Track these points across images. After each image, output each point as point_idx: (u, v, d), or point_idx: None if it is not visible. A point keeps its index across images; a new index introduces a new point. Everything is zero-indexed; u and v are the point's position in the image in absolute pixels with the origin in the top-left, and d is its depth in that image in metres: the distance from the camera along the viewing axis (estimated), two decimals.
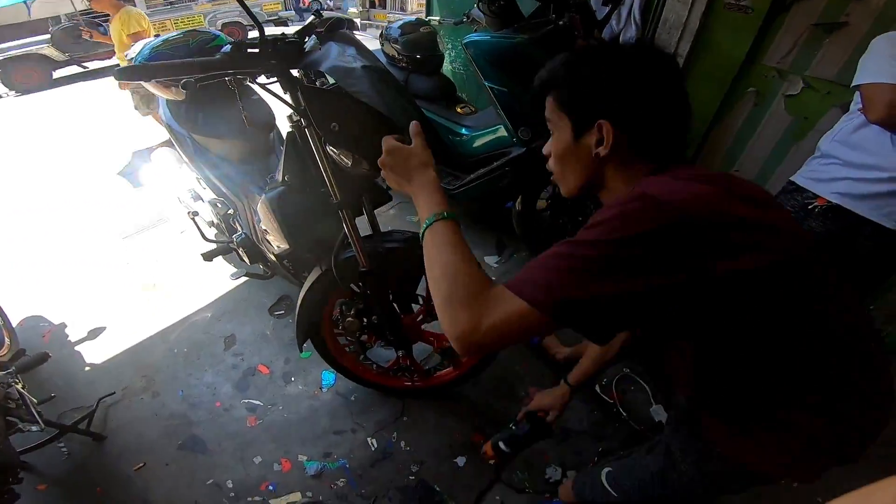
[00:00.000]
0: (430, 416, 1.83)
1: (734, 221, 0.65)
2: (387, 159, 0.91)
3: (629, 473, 1.13)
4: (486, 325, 0.66)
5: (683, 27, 2.35)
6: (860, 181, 1.47)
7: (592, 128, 0.75)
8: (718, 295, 0.64)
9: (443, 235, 0.79)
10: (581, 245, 0.65)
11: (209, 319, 2.30)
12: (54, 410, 1.88)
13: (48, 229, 3.20)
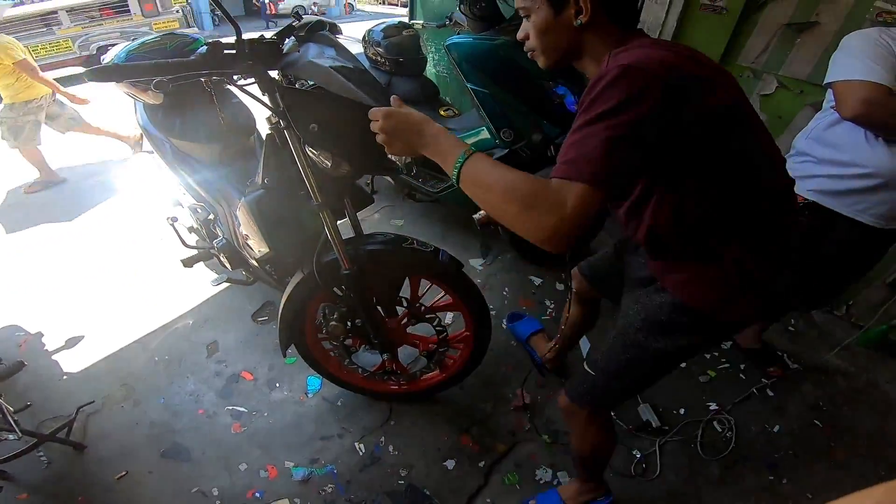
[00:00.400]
0: (417, 420, 1.83)
1: (694, 75, 0.78)
2: (386, 124, 0.92)
3: (598, 350, 1.21)
4: (569, 216, 0.73)
5: (661, 28, 2.38)
6: (835, 178, 1.51)
7: (568, 2, 0.86)
8: (689, 134, 0.78)
9: (482, 164, 0.84)
10: (597, 120, 0.74)
11: (191, 326, 2.27)
12: (33, 420, 1.85)
13: (24, 240, 3.11)
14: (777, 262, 0.94)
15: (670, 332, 1.04)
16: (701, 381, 2.01)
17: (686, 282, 0.99)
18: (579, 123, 0.77)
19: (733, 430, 1.81)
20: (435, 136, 0.90)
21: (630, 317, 1.11)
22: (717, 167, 0.85)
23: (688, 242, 0.95)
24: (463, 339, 1.72)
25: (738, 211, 0.89)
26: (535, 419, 1.84)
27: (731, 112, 0.83)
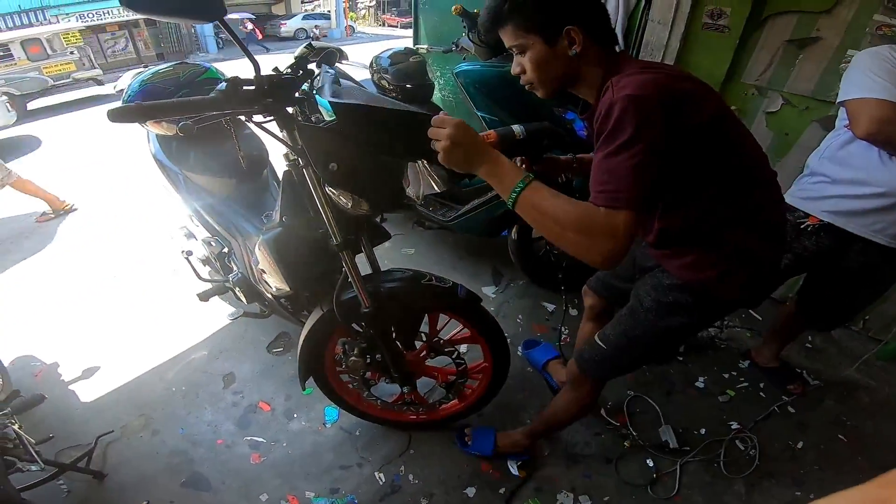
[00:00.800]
0: (436, 448, 1.82)
1: (684, 92, 0.90)
2: (456, 133, 0.94)
3: (611, 325, 1.33)
4: (621, 241, 0.86)
5: (665, 49, 2.41)
6: (849, 198, 1.50)
7: (560, 35, 0.96)
8: (689, 143, 0.90)
9: (541, 191, 0.92)
10: (623, 149, 0.84)
11: (206, 357, 2.27)
12: (52, 449, 1.84)
13: (36, 268, 3.15)
14: (773, 239, 1.08)
15: (676, 311, 1.17)
16: (720, 401, 1.99)
17: (689, 264, 1.10)
18: (606, 152, 0.87)
19: (756, 448, 1.79)
20: (495, 159, 0.96)
21: (640, 297, 1.23)
22: (716, 168, 0.97)
23: (692, 234, 1.07)
24: (481, 369, 1.72)
25: (737, 203, 1.01)
26: (554, 444, 1.83)
27: (720, 121, 0.95)
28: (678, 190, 1.00)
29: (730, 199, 1.01)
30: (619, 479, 1.71)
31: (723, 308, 1.21)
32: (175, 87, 1.87)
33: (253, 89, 1.10)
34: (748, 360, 2.17)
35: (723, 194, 1.00)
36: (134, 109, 0.96)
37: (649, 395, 1.99)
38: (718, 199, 1.00)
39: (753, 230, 1.04)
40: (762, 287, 1.15)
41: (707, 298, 1.13)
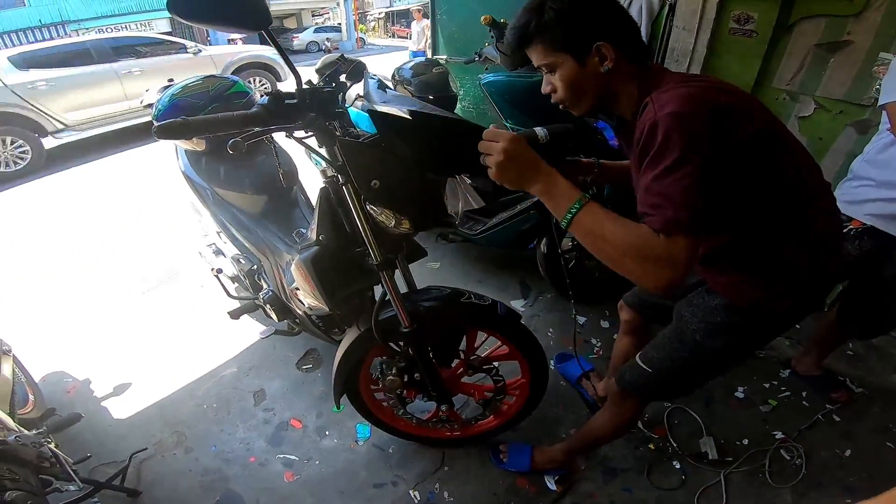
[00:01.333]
0: (471, 465, 1.79)
1: (727, 105, 0.85)
2: (513, 148, 0.91)
3: (655, 347, 1.27)
4: (680, 268, 0.83)
5: (691, 55, 2.38)
6: (892, 201, 1.48)
7: (591, 52, 0.92)
8: (737, 160, 0.84)
9: (597, 213, 0.89)
10: (674, 169, 0.80)
11: (236, 374, 2.27)
12: (85, 466, 1.84)
13: (66, 286, 3.19)
14: (827, 251, 1.02)
15: (726, 331, 1.11)
16: (762, 411, 1.94)
17: (738, 283, 1.06)
18: (655, 174, 0.83)
19: (803, 457, 1.73)
20: (550, 177, 0.92)
21: (685, 319, 1.18)
22: (767, 182, 0.91)
23: (740, 252, 1.02)
24: (519, 385, 1.69)
25: (788, 217, 0.97)
26: (591, 457, 1.78)
27: (770, 133, 0.90)
28: (727, 206, 0.93)
29: (780, 213, 0.96)
30: (660, 492, 1.67)
31: (774, 324, 1.13)
32: (205, 100, 1.87)
33: (295, 103, 1.08)
34: (789, 370, 2.11)
35: (773, 209, 0.95)
36: (180, 125, 0.97)
37: (688, 406, 1.94)
38: (769, 215, 0.95)
39: (805, 245, 0.99)
40: (815, 298, 1.09)
41: (758, 316, 1.08)
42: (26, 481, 1.42)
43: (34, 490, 1.42)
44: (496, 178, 0.94)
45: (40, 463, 1.53)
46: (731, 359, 1.22)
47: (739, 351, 1.18)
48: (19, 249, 3.73)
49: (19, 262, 3.53)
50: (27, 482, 1.42)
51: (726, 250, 1.03)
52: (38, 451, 1.56)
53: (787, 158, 0.94)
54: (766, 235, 0.97)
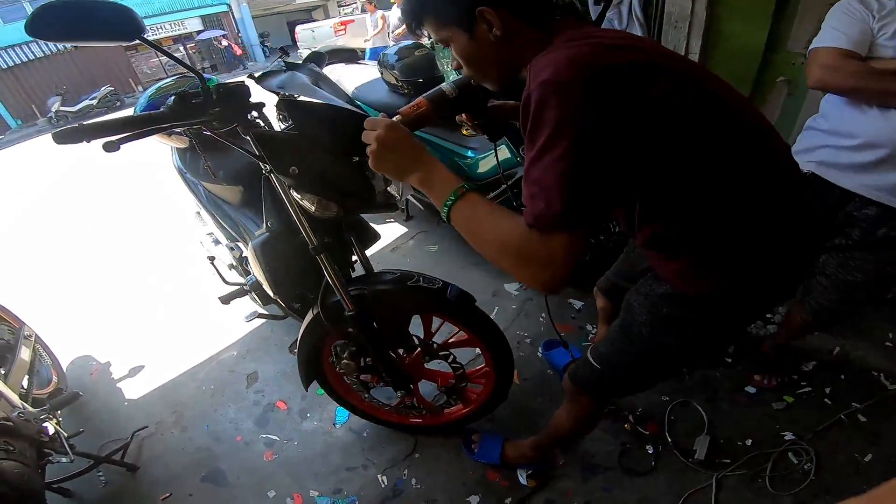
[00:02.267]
0: (442, 454, 1.74)
1: (628, 64, 0.71)
2: (389, 135, 0.85)
3: (605, 342, 1.14)
4: (561, 266, 0.73)
5: (690, 19, 2.14)
6: (838, 149, 1.35)
7: (476, 20, 0.82)
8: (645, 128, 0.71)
9: (474, 207, 0.81)
10: (544, 152, 0.70)
11: (235, 357, 2.36)
12: (96, 442, 2.00)
13: (96, 274, 3.50)
14: (791, 231, 0.86)
15: (673, 326, 0.97)
16: (775, 409, 1.72)
17: (684, 271, 0.90)
18: (530, 159, 0.73)
19: (813, 461, 1.52)
20: (430, 166, 0.86)
21: (633, 309, 1.04)
22: (695, 155, 0.76)
23: (684, 237, 0.86)
24: (483, 374, 1.62)
25: (734, 196, 0.81)
26: (571, 453, 1.67)
27: (686, 95, 0.74)
28: (654, 187, 0.81)
29: (722, 191, 0.80)
30: (643, 494, 1.53)
31: (731, 318, 0.96)
32: None
33: (201, 101, 1.09)
34: (814, 362, 1.87)
35: (712, 187, 0.79)
36: (77, 130, 0.94)
37: (691, 400, 1.77)
38: (708, 194, 0.80)
39: (758, 223, 0.82)
40: (778, 285, 0.92)
41: (709, 310, 0.92)
42: (21, 453, 1.54)
43: (27, 462, 1.53)
44: (374, 167, 0.88)
45: (39, 437, 1.66)
46: (685, 357, 1.08)
47: (693, 349, 1.02)
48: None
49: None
50: (22, 454, 1.54)
51: (667, 232, 0.87)
52: (40, 426, 1.69)
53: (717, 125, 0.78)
54: (707, 217, 0.82)
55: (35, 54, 16.04)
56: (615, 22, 2.36)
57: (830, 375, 1.80)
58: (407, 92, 2.33)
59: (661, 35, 2.25)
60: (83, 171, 6.32)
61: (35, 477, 1.53)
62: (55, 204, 5.55)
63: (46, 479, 1.67)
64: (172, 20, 17.86)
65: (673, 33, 2.18)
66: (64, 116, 13.87)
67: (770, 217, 0.82)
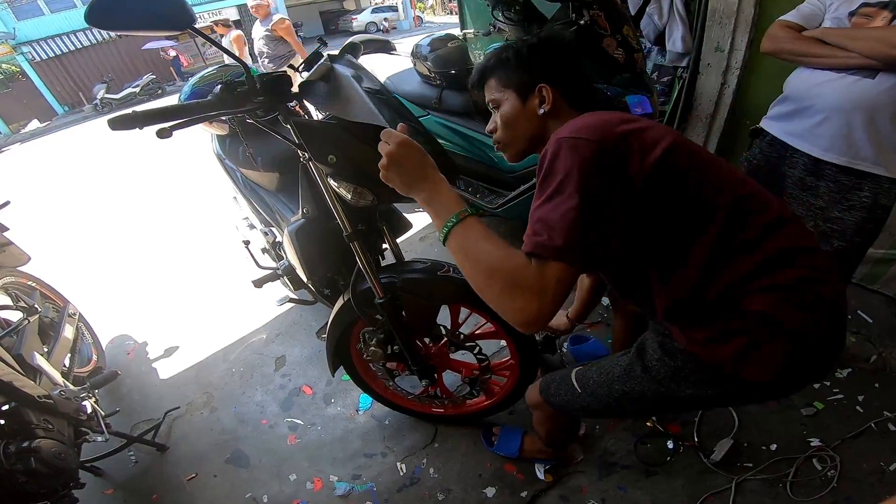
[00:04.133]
0: (461, 444, 1.76)
1: (624, 134, 0.80)
2: (400, 152, 0.87)
3: (599, 369, 1.11)
4: (550, 298, 0.74)
5: (736, 16, 2.08)
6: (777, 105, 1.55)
7: (533, 92, 0.97)
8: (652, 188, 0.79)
9: (473, 232, 0.83)
10: (555, 194, 0.76)
11: (263, 341, 2.43)
12: (129, 421, 2.09)
13: (137, 256, 3.66)
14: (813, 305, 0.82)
15: (681, 379, 0.95)
16: (803, 415, 1.68)
17: (700, 341, 0.88)
18: (539, 201, 0.78)
19: (838, 468, 1.48)
20: (435, 186, 0.87)
21: (645, 354, 1.01)
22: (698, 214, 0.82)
23: (698, 306, 0.86)
24: (508, 366, 1.63)
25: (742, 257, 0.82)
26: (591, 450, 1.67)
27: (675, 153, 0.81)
28: (664, 253, 0.85)
29: (725, 253, 0.81)
30: (658, 495, 1.52)
31: (748, 390, 0.91)
32: None
33: (246, 90, 1.14)
34: (849, 370, 1.81)
35: (718, 250, 0.81)
36: (131, 117, 0.98)
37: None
38: (715, 257, 0.81)
39: (776, 292, 0.81)
40: (805, 370, 0.88)
41: (724, 378, 0.89)
42: (59, 431, 1.62)
43: (64, 440, 1.61)
44: (383, 178, 0.91)
45: (78, 416, 1.74)
46: (689, 407, 1.10)
47: (701, 403, 1.02)
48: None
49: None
50: (60, 432, 1.62)
51: (682, 306, 0.87)
52: (78, 405, 1.77)
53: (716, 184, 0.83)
54: (718, 283, 0.82)
55: (81, 43, 16.58)
56: (655, 16, 2.31)
57: (865, 384, 1.74)
58: (439, 83, 2.34)
59: (703, 31, 2.20)
60: (128, 155, 6.55)
61: (71, 455, 1.59)
62: (100, 187, 5.79)
63: (81, 457, 1.74)
64: (210, 9, 18.22)
65: (717, 30, 2.12)
66: (109, 103, 14.29)
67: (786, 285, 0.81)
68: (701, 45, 2.22)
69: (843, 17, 1.34)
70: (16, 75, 15.69)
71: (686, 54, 2.35)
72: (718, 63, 2.19)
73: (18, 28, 15.20)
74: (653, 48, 2.55)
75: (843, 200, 1.43)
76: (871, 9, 1.29)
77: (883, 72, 1.25)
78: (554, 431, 1.40)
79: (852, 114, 1.31)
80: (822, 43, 1.34)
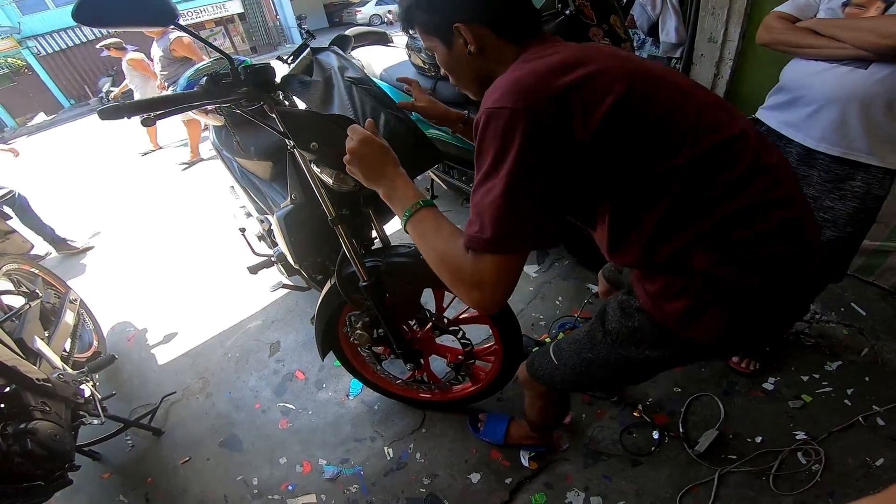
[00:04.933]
0: (449, 430, 1.78)
1: (565, 89, 0.71)
2: (361, 149, 0.93)
3: (570, 339, 1.13)
4: (490, 290, 0.76)
5: (729, 6, 2.05)
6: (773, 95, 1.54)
7: (453, 34, 0.86)
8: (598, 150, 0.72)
9: (426, 222, 0.86)
10: (486, 178, 0.73)
11: (260, 327, 2.47)
12: (127, 406, 2.13)
13: (139, 243, 3.73)
14: (769, 266, 0.78)
15: (639, 340, 0.95)
16: (791, 407, 1.68)
17: (654, 293, 0.87)
18: (476, 182, 0.76)
19: (822, 462, 1.48)
20: (393, 180, 0.92)
21: (606, 316, 1.02)
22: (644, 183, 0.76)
23: (652, 259, 0.82)
24: (493, 352, 1.64)
25: (694, 217, 0.76)
26: (577, 438, 1.69)
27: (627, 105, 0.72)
28: (615, 203, 0.79)
29: (680, 211, 0.75)
30: (643, 485, 1.53)
31: (698, 348, 0.91)
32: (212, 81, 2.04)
33: (230, 81, 1.18)
34: (839, 362, 1.80)
35: (669, 205, 0.75)
36: (119, 108, 1.01)
37: (705, 392, 1.75)
38: (666, 213, 0.76)
39: (727, 256, 0.76)
40: (753, 331, 0.87)
41: (673, 335, 0.88)
42: (56, 413, 1.64)
43: (61, 422, 1.63)
44: (349, 172, 0.96)
45: (75, 399, 1.77)
46: (647, 369, 1.04)
47: (654, 364, 0.99)
48: None
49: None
50: (57, 414, 1.64)
51: (638, 256, 0.83)
52: (76, 388, 1.80)
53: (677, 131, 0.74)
54: (670, 241, 0.78)
55: (87, 37, 16.68)
56: (648, 7, 2.29)
57: (855, 377, 1.73)
58: (433, 74, 2.33)
59: (696, 22, 2.18)
60: (131, 147, 6.61)
61: (68, 438, 1.62)
62: (103, 178, 5.85)
63: (78, 441, 1.78)
64: (214, 3, 18.24)
65: (710, 20, 2.10)
66: None
67: (738, 247, 0.76)
68: (694, 36, 2.20)
69: (836, 8, 1.33)
70: (21, 69, 15.78)
71: (680, 45, 2.34)
72: (712, 54, 2.17)
73: (24, 23, 15.30)
74: (647, 39, 2.54)
75: (836, 190, 1.42)
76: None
77: (875, 62, 1.24)
78: (543, 411, 1.39)
79: (846, 104, 1.31)
80: (816, 34, 1.33)
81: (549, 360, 1.16)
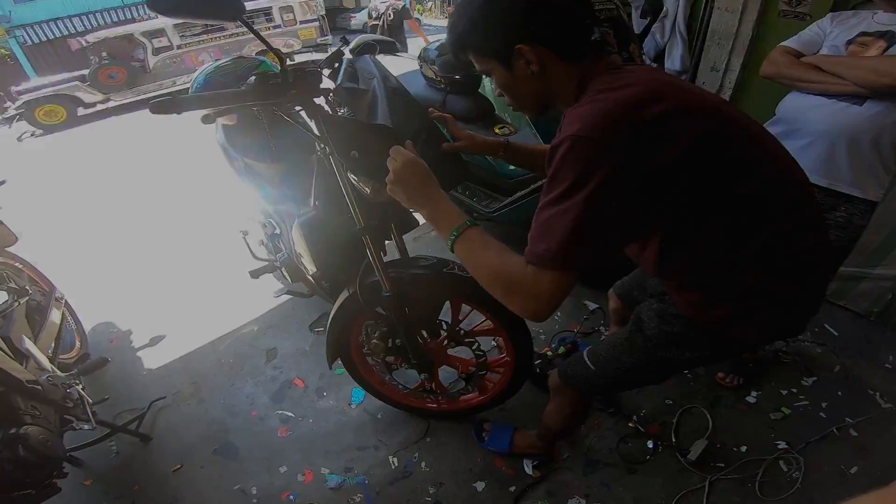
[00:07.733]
0: (453, 439, 1.81)
1: (658, 116, 0.76)
2: (406, 171, 0.95)
3: (606, 345, 1.20)
4: (545, 302, 0.82)
5: (734, 39, 2.21)
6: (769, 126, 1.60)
7: (514, 55, 0.87)
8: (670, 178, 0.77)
9: (476, 241, 0.90)
10: (559, 201, 0.77)
11: (255, 332, 2.44)
12: (111, 411, 2.05)
13: (125, 242, 3.58)
14: (802, 275, 0.91)
15: (679, 343, 1.04)
16: (772, 419, 1.80)
17: (696, 303, 0.96)
18: (544, 202, 0.81)
19: (802, 470, 1.60)
20: (437, 203, 0.95)
21: (642, 323, 1.10)
22: (713, 200, 0.83)
23: (696, 273, 0.93)
24: (503, 364, 1.69)
25: (746, 239, 0.86)
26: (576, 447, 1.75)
27: (712, 142, 0.80)
28: (673, 227, 0.88)
29: (735, 235, 0.86)
30: (639, 492, 1.61)
31: (736, 347, 1.06)
32: (233, 79, 2.01)
33: (279, 82, 1.17)
34: (814, 378, 1.94)
35: (726, 230, 0.86)
36: (172, 102, 1.03)
37: (693, 405, 1.85)
38: (722, 237, 0.86)
39: (770, 269, 0.88)
40: (786, 326, 1.01)
41: (716, 337, 1.00)
42: (46, 418, 1.58)
43: (51, 427, 1.57)
44: (390, 193, 0.99)
45: (65, 403, 1.70)
46: (679, 368, 1.18)
47: (690, 363, 1.12)
48: None
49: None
50: (47, 419, 1.58)
51: (681, 270, 0.95)
52: (66, 392, 1.72)
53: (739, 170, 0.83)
54: (720, 259, 0.88)
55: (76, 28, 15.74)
56: (657, 35, 2.42)
57: (828, 391, 1.87)
58: (444, 87, 2.39)
59: (702, 51, 2.32)
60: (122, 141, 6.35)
61: (57, 443, 1.56)
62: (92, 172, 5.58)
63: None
64: None
65: (715, 49, 2.24)
66: None
67: (780, 262, 0.88)
68: (698, 64, 2.34)
69: (840, 46, 1.44)
70: (4, 58, 14.97)
71: (683, 72, 2.47)
72: (713, 82, 2.32)
73: (14, 12, 14.54)
74: (652, 65, 2.67)
75: None
76: (868, 38, 1.39)
77: (871, 99, 1.35)
78: (570, 416, 1.43)
79: (837, 139, 1.42)
80: (819, 69, 1.44)
81: (584, 366, 1.22)
